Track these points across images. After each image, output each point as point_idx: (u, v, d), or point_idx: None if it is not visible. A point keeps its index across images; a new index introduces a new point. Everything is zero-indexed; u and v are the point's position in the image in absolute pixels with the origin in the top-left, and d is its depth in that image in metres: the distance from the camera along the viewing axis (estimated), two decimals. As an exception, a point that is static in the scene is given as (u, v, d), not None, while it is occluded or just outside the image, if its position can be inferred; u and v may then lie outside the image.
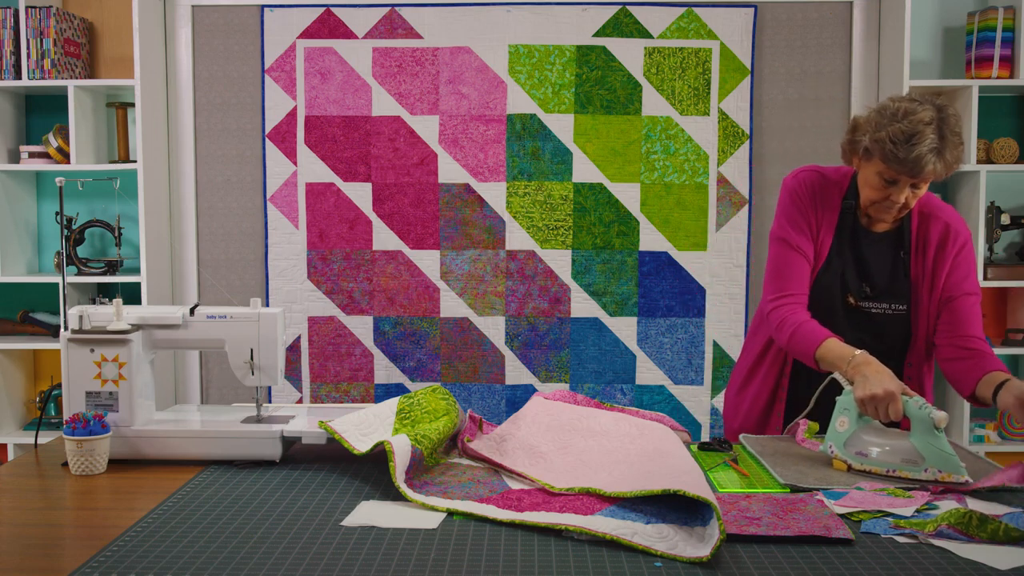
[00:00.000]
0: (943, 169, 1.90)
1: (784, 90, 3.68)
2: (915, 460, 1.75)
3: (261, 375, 2.05)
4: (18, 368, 3.75)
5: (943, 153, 1.88)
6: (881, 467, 1.78)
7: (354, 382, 3.76)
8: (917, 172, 1.89)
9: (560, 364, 3.73)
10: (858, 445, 1.82)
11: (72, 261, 3.60)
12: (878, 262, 2.08)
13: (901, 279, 2.07)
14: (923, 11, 3.69)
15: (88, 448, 1.84)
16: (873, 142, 1.93)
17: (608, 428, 2.00)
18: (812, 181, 2.12)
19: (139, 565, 1.38)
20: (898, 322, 2.08)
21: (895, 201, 1.96)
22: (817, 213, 2.10)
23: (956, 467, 1.73)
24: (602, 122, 3.67)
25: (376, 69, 3.68)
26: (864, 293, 2.08)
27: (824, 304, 2.09)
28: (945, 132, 1.89)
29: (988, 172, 3.50)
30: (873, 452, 1.80)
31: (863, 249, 2.08)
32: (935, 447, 1.73)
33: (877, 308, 2.08)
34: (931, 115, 1.89)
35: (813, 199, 2.10)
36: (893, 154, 1.88)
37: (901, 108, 1.92)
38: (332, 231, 3.72)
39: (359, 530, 1.53)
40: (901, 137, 1.88)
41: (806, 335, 2.00)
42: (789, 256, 2.10)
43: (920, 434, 1.76)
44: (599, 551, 1.44)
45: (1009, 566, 1.37)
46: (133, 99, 3.60)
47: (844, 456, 1.83)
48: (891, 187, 1.95)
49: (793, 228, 2.10)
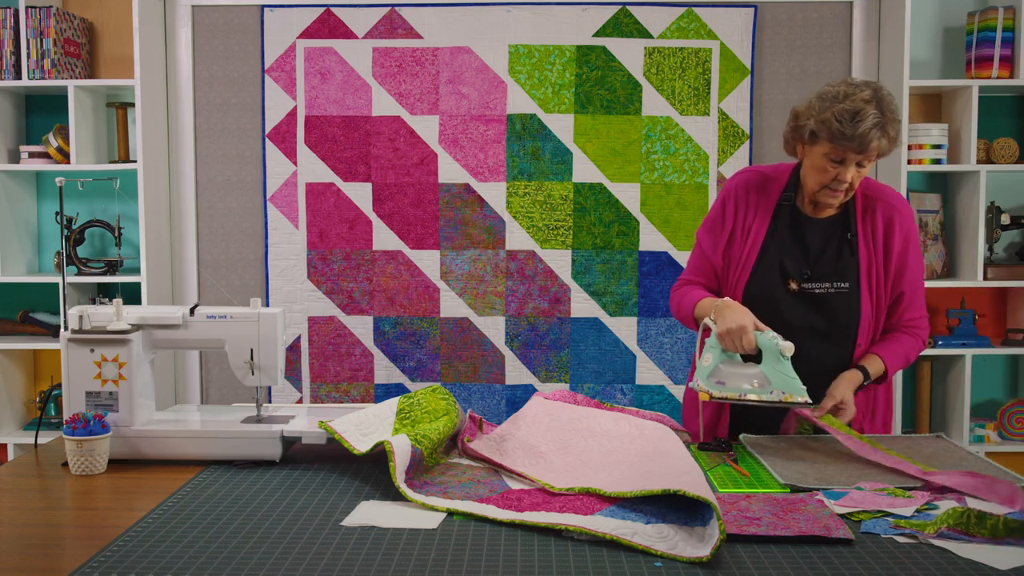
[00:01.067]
0: (887, 145, 2.02)
1: (784, 90, 3.68)
2: (763, 383, 1.96)
3: (261, 375, 2.05)
4: (18, 368, 3.75)
5: (886, 128, 1.99)
6: (735, 392, 1.99)
7: (354, 382, 3.76)
8: (864, 147, 1.99)
9: (560, 364, 3.73)
10: (718, 375, 2.03)
11: (72, 261, 3.60)
12: (821, 245, 2.17)
13: (847, 258, 2.15)
14: (923, 11, 3.69)
15: (88, 448, 1.84)
16: (819, 123, 2.03)
17: (608, 428, 2.01)
18: (748, 180, 2.25)
19: (139, 565, 1.38)
20: (843, 300, 2.15)
21: (842, 180, 2.04)
22: (747, 211, 2.22)
23: (797, 389, 1.92)
24: (602, 122, 3.67)
25: (376, 69, 3.68)
26: (805, 276, 2.16)
27: (765, 291, 2.18)
28: (884, 110, 1.99)
29: (988, 172, 3.50)
30: (729, 380, 2.00)
31: (806, 235, 2.18)
32: (780, 372, 1.93)
33: (820, 288, 2.15)
34: (870, 94, 2.00)
35: (747, 196, 2.23)
36: (840, 132, 1.98)
37: (840, 91, 2.03)
38: (332, 231, 3.72)
39: (359, 530, 1.53)
40: (846, 116, 1.98)
41: (685, 299, 2.25)
42: (696, 252, 2.32)
43: (769, 362, 1.95)
44: (599, 551, 1.44)
45: (1009, 566, 1.37)
46: (133, 99, 3.60)
47: (706, 387, 2.04)
48: (838, 167, 2.04)
49: (708, 231, 2.28)
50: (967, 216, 3.55)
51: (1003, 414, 3.65)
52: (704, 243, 2.29)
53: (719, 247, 2.24)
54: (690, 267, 2.34)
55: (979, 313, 3.70)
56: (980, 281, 3.49)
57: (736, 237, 2.22)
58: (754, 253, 2.20)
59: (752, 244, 2.20)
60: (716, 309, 2.07)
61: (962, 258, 3.59)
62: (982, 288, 3.68)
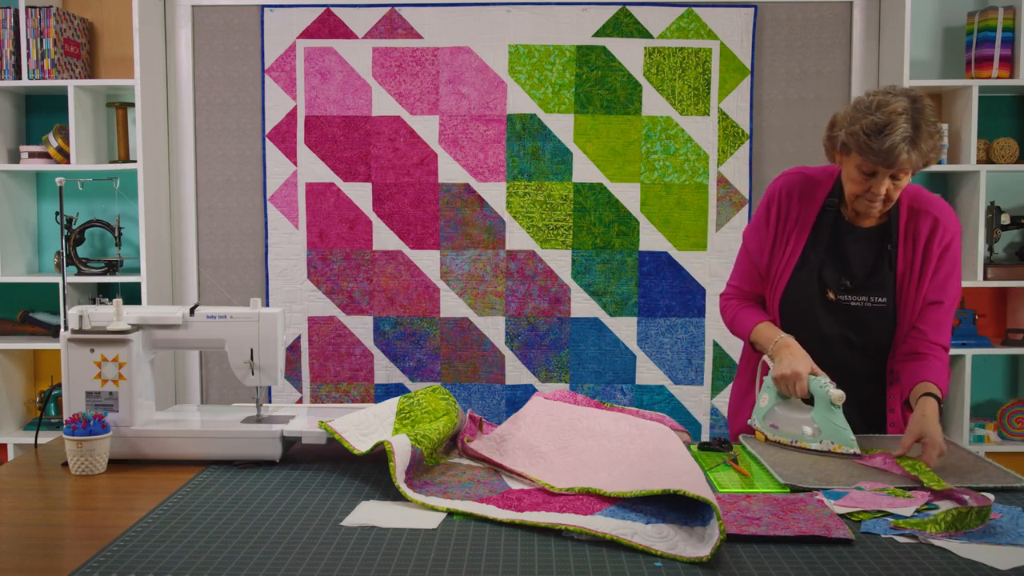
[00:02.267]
0: (919, 159, 1.92)
1: (784, 90, 3.68)
2: (814, 432, 1.96)
3: (261, 375, 2.05)
4: (18, 368, 3.75)
5: (917, 143, 1.90)
6: (787, 438, 2.00)
7: (354, 382, 3.76)
8: (892, 162, 1.91)
9: (560, 364, 3.73)
10: (773, 418, 2.04)
11: (72, 261, 3.60)
12: (861, 256, 2.10)
13: (885, 272, 2.09)
14: (923, 11, 3.69)
15: (88, 448, 1.84)
16: (848, 135, 1.96)
17: (608, 428, 2.01)
18: (792, 184, 2.17)
19: (139, 565, 1.38)
20: (879, 315, 2.10)
21: (876, 193, 1.98)
22: (791, 215, 2.15)
23: (847, 440, 1.92)
24: (602, 122, 3.67)
25: (376, 69, 3.68)
26: (844, 287, 2.11)
27: (803, 300, 2.13)
28: (919, 122, 1.90)
29: (988, 172, 3.50)
30: (783, 424, 2.01)
31: (847, 244, 2.11)
32: (830, 421, 1.94)
33: (856, 301, 2.10)
34: (904, 105, 1.91)
35: (790, 201, 2.15)
36: (867, 145, 1.91)
37: (875, 101, 1.94)
38: (332, 231, 3.72)
39: (359, 530, 1.53)
40: (874, 128, 1.90)
41: (743, 320, 2.20)
42: (743, 257, 2.27)
43: (820, 410, 1.95)
44: (599, 551, 1.44)
45: (1009, 566, 1.37)
46: (133, 99, 3.60)
47: (762, 428, 2.06)
48: (870, 179, 1.97)
49: (754, 232, 2.23)
50: (967, 216, 3.55)
51: (1003, 414, 3.64)
52: (751, 245, 2.23)
53: (765, 249, 2.18)
54: (738, 271, 2.28)
55: (979, 313, 3.70)
56: (980, 281, 3.49)
57: (778, 241, 2.16)
58: (794, 259, 2.14)
59: (792, 250, 2.14)
60: (775, 347, 2.04)
61: (962, 258, 3.59)
62: (982, 288, 3.68)
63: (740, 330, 2.21)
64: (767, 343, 2.09)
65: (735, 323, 2.23)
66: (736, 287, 2.28)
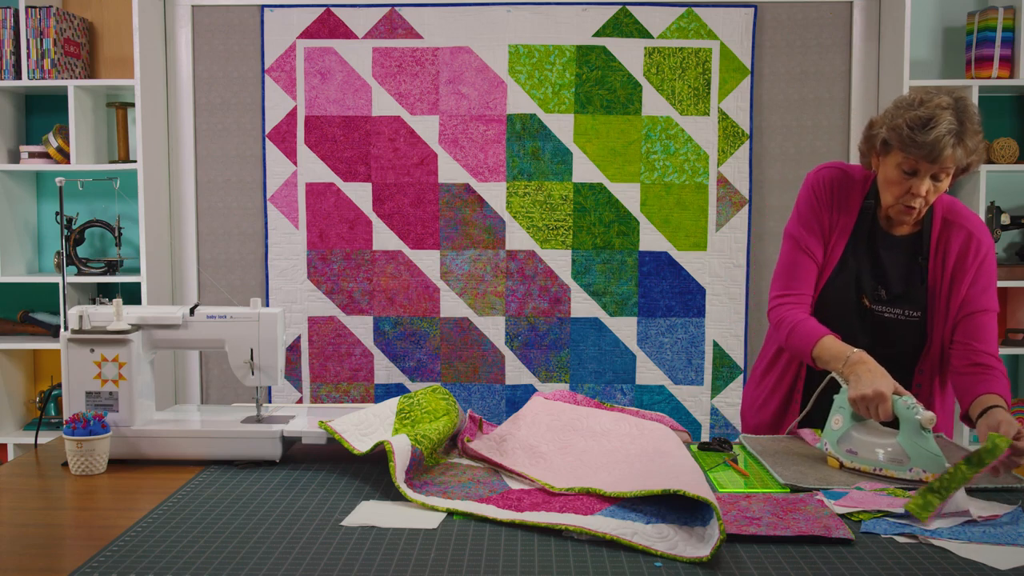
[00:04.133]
0: (963, 155, 1.87)
1: (784, 90, 3.68)
2: (901, 459, 1.77)
3: (261, 375, 2.05)
4: (18, 368, 3.75)
5: (963, 138, 1.85)
6: (869, 465, 1.80)
7: (354, 382, 3.76)
8: (936, 156, 1.85)
9: (560, 364, 3.73)
10: (849, 443, 1.84)
11: (72, 261, 3.60)
12: (895, 266, 2.05)
13: (917, 285, 2.04)
14: (923, 11, 3.69)
15: (88, 448, 1.84)
16: (890, 131, 1.90)
17: (608, 428, 2.00)
18: (833, 179, 2.10)
19: (139, 565, 1.38)
20: (911, 328, 2.05)
21: (916, 194, 1.91)
22: (833, 212, 2.08)
23: (941, 467, 1.73)
24: (602, 122, 3.67)
25: (376, 69, 3.68)
26: (878, 296, 2.05)
27: (838, 305, 2.07)
28: (963, 119, 1.86)
29: (988, 172, 3.50)
30: (862, 450, 1.82)
31: (880, 252, 2.05)
32: (921, 447, 1.75)
33: (890, 313, 2.05)
34: (948, 101, 1.87)
35: (832, 197, 2.08)
36: (911, 139, 1.85)
37: (917, 97, 1.90)
38: (332, 231, 3.72)
39: (359, 530, 1.53)
40: (918, 122, 1.85)
41: (804, 333, 2.01)
42: (797, 256, 2.10)
43: (907, 434, 1.77)
44: (599, 551, 1.44)
45: (1009, 566, 1.37)
46: (133, 99, 3.60)
47: (836, 453, 1.85)
48: (912, 179, 1.91)
49: (805, 228, 2.10)
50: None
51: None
52: (803, 240, 2.08)
53: (820, 242, 2.06)
54: (787, 274, 2.10)
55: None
56: (980, 281, 3.48)
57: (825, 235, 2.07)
58: (834, 259, 2.07)
59: (834, 249, 2.06)
60: (848, 364, 1.87)
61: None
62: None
63: (800, 345, 2.01)
64: (836, 360, 1.91)
65: (794, 336, 2.02)
66: (786, 295, 2.09)
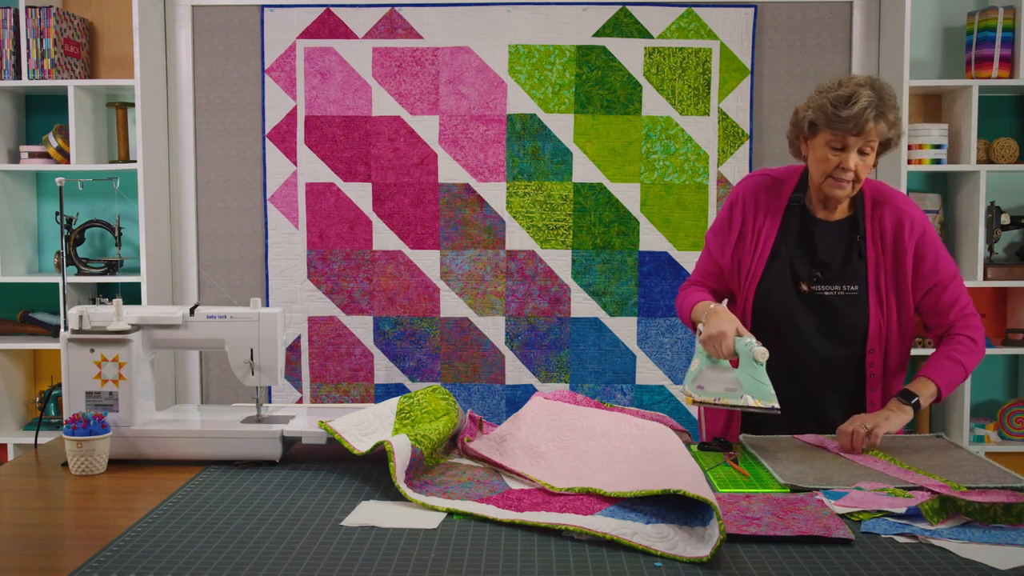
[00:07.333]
0: (886, 128, 2.03)
1: (784, 90, 3.68)
2: (736, 388, 1.98)
3: (261, 375, 2.05)
4: (18, 368, 3.75)
5: (883, 111, 2.01)
6: (710, 396, 2.03)
7: (354, 382, 3.76)
8: (861, 128, 2.00)
9: (560, 364, 3.73)
10: (700, 380, 2.06)
11: (72, 261, 3.60)
12: (831, 248, 2.17)
13: (855, 261, 2.15)
14: (923, 11, 3.69)
15: (88, 448, 1.84)
16: (816, 111, 2.05)
17: (608, 428, 2.01)
18: (757, 184, 2.25)
19: (139, 565, 1.38)
20: (852, 303, 2.15)
21: (846, 168, 2.04)
22: (758, 216, 2.22)
23: (767, 395, 1.95)
24: (602, 122, 3.67)
25: (376, 69, 3.68)
26: (815, 278, 2.16)
27: (778, 293, 2.18)
28: (882, 95, 2.02)
29: (988, 172, 3.50)
30: (708, 384, 2.04)
31: (815, 239, 2.18)
32: (752, 377, 1.96)
33: (829, 291, 2.16)
34: (865, 79, 2.05)
35: (756, 200, 2.23)
36: (836, 115, 2.01)
37: (836, 80, 2.07)
38: (332, 231, 3.72)
39: (359, 530, 1.53)
40: (841, 100, 2.01)
41: (686, 300, 2.25)
42: (704, 255, 2.36)
43: (744, 367, 1.97)
44: (599, 551, 1.44)
45: (1009, 566, 1.37)
46: (133, 99, 3.60)
47: (688, 390, 2.08)
48: (840, 154, 2.05)
49: (716, 234, 2.29)
50: (967, 216, 3.55)
51: (1003, 414, 3.64)
52: (712, 246, 2.30)
53: (727, 250, 2.25)
54: (697, 269, 2.37)
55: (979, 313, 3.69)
56: (980, 281, 3.49)
57: (746, 240, 2.23)
58: (764, 255, 2.20)
59: (763, 247, 2.21)
60: (707, 314, 2.08)
61: (962, 258, 3.59)
62: (982, 288, 3.68)
63: (684, 311, 2.25)
64: (701, 312, 2.13)
65: (682, 307, 2.28)
66: (692, 280, 2.36)
